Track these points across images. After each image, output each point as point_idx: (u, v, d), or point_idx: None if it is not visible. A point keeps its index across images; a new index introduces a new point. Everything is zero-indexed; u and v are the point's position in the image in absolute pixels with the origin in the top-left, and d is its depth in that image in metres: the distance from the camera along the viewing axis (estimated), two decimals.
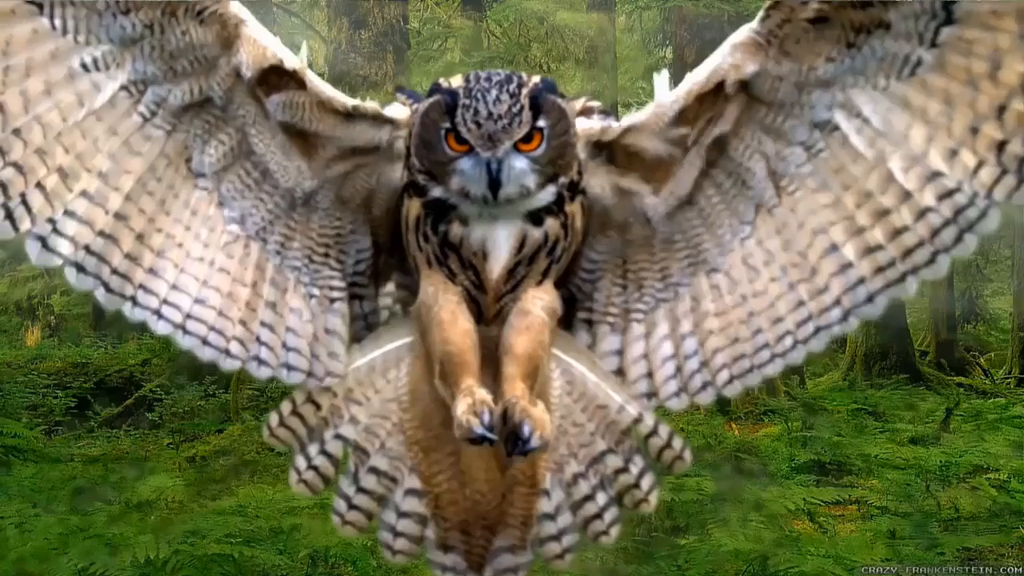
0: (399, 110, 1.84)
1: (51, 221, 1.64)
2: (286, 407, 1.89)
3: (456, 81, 1.73)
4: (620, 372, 1.91)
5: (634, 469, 1.90)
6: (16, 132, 1.60)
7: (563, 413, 1.88)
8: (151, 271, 1.73)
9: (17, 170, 1.61)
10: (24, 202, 1.62)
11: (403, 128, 1.82)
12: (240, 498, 5.89)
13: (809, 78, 1.68)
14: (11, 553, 4.70)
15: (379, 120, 1.82)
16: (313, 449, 1.88)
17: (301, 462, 1.88)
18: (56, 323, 14.93)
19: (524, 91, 1.68)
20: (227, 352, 1.78)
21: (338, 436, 1.88)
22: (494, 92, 1.67)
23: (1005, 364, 14.02)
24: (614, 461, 1.90)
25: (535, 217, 1.76)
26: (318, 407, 1.88)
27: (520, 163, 1.69)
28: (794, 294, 1.80)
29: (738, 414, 9.57)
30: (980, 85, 1.56)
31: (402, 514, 1.90)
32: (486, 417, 1.65)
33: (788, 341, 1.89)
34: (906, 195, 1.65)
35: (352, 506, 1.89)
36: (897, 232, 1.67)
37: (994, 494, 6.63)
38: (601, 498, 1.89)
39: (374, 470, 1.89)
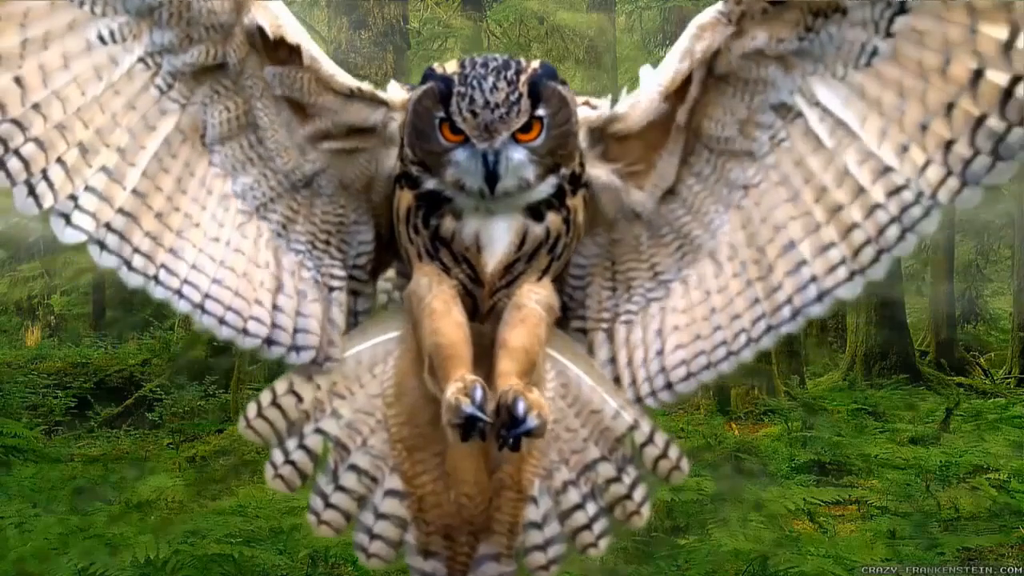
0: (395, 91, 1.79)
1: (72, 197, 1.65)
2: (265, 397, 1.82)
3: (451, 67, 1.66)
4: (617, 380, 1.86)
5: (627, 479, 1.82)
6: (36, 107, 1.60)
7: (556, 417, 1.79)
8: (171, 251, 1.72)
9: (38, 146, 1.60)
10: (46, 178, 1.63)
11: (397, 111, 1.77)
12: (240, 498, 5.89)
13: (769, 59, 1.68)
14: (11, 553, 4.70)
15: (374, 101, 1.78)
16: (291, 443, 1.81)
17: (278, 456, 1.82)
18: (56, 323, 14.93)
19: (522, 78, 1.63)
20: (244, 331, 1.77)
21: (319, 431, 1.82)
22: (491, 79, 1.61)
23: (1005, 364, 14.02)
24: (606, 470, 1.83)
25: (535, 211, 1.71)
26: (300, 399, 1.82)
27: (518, 154, 1.65)
28: (751, 291, 1.80)
29: (738, 414, 9.57)
30: (931, 79, 1.58)
31: (380, 515, 1.82)
32: (478, 394, 1.58)
33: (743, 339, 1.89)
34: (859, 190, 1.66)
35: (329, 505, 1.82)
36: (848, 229, 1.68)
37: (994, 494, 6.63)
38: (591, 508, 1.82)
39: (355, 468, 1.82)
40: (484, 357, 1.72)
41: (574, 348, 1.87)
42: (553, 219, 1.72)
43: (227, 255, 1.76)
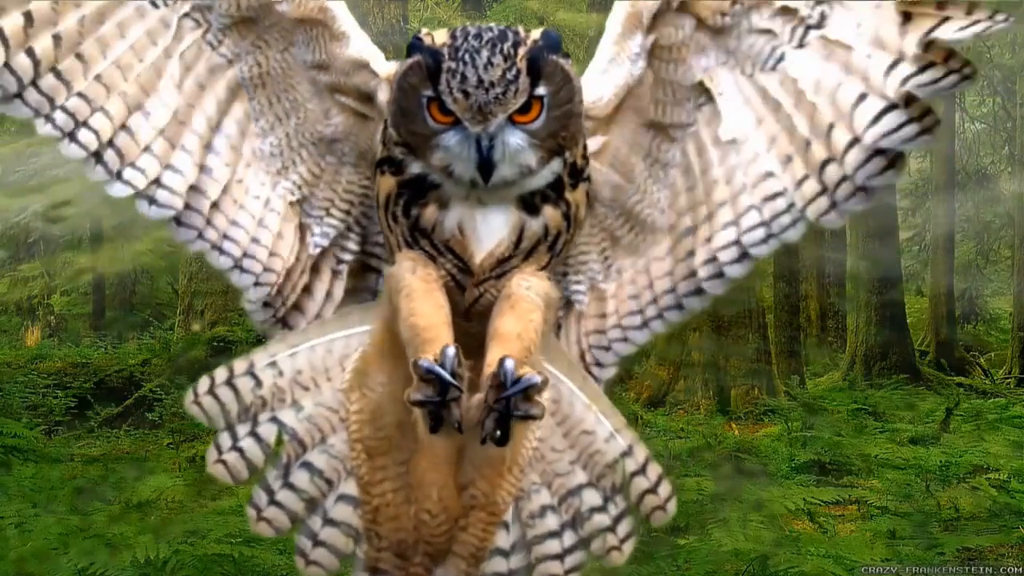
0: (384, 63, 1.68)
1: (132, 164, 1.65)
2: (221, 374, 1.68)
3: (440, 37, 1.51)
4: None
5: (613, 510, 1.68)
6: (98, 78, 1.61)
7: (542, 435, 1.65)
8: (215, 206, 1.70)
9: (106, 115, 1.62)
10: (112, 145, 1.63)
11: (384, 82, 1.66)
12: (240, 498, 5.88)
13: (686, 48, 1.67)
14: (11, 553, 4.69)
15: (368, 69, 1.69)
16: (242, 429, 1.66)
17: (225, 440, 1.66)
18: (56, 323, 14.94)
19: (521, 51, 1.47)
20: (278, 292, 1.74)
21: (275, 420, 1.67)
22: (485, 54, 1.46)
23: (1005, 364, 14.02)
24: (592, 497, 1.68)
25: (529, 204, 1.58)
26: (259, 383, 1.67)
27: (516, 138, 1.51)
28: (645, 278, 1.77)
29: (738, 414, 9.58)
30: (822, 98, 1.60)
31: (330, 521, 1.66)
32: (449, 352, 1.42)
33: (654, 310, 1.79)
34: (741, 188, 1.67)
35: (275, 502, 1.66)
36: (724, 226, 1.70)
37: (994, 494, 6.62)
38: (568, 538, 1.68)
39: (309, 466, 1.67)
40: (471, 359, 1.55)
41: (569, 359, 1.75)
42: (551, 214, 1.59)
43: (265, 215, 1.74)
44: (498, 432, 1.45)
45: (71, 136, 1.61)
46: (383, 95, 1.67)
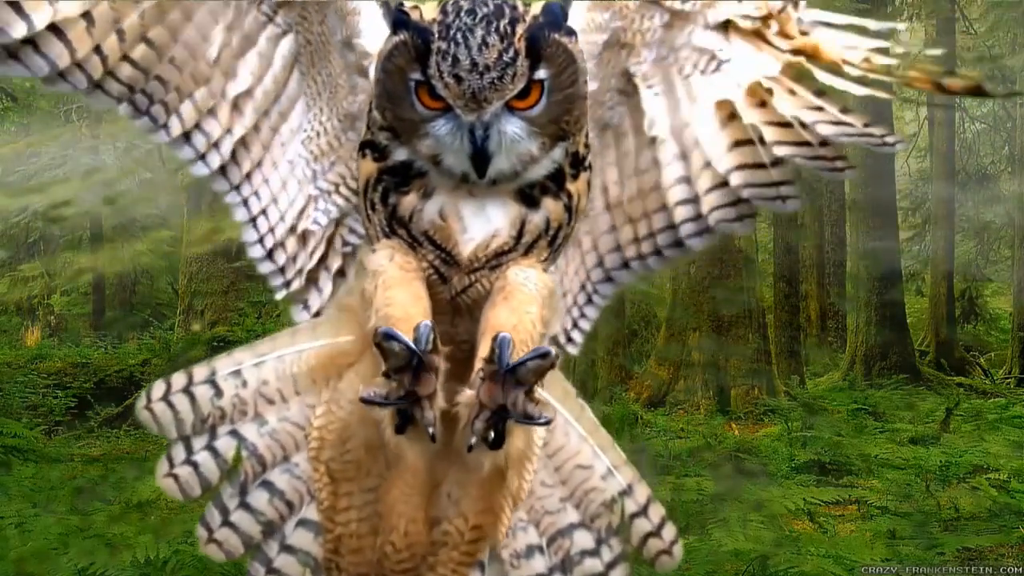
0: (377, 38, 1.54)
1: (198, 127, 1.64)
2: (178, 380, 1.55)
3: (430, 11, 1.36)
4: None
5: (607, 555, 1.54)
6: (171, 61, 1.58)
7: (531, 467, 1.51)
8: (259, 164, 1.68)
9: (178, 94, 1.60)
10: (178, 114, 1.62)
11: (375, 59, 1.52)
12: None
13: (642, 36, 1.60)
14: (11, 553, 4.69)
15: (358, 45, 1.61)
16: (198, 441, 1.53)
17: (178, 452, 1.54)
18: (56, 323, 14.93)
19: (519, 30, 1.32)
20: (293, 259, 1.69)
21: (235, 433, 1.54)
22: (479, 33, 1.30)
23: (1005, 364, 14.01)
24: (584, 539, 1.54)
25: (528, 196, 1.45)
26: (219, 393, 1.54)
27: (513, 127, 1.37)
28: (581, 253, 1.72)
29: (738, 414, 9.57)
30: (743, 112, 1.54)
31: (287, 548, 1.53)
32: (425, 329, 1.27)
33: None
34: (655, 186, 1.64)
35: (228, 523, 1.53)
36: (636, 220, 1.68)
37: (994, 494, 6.62)
38: None
39: (269, 486, 1.53)
40: (456, 369, 1.37)
41: (565, 386, 1.60)
42: (552, 207, 1.46)
43: (289, 178, 1.71)
44: (491, 435, 1.27)
45: (147, 109, 1.61)
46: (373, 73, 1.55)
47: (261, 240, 1.68)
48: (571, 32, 1.38)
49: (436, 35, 1.32)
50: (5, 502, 5.46)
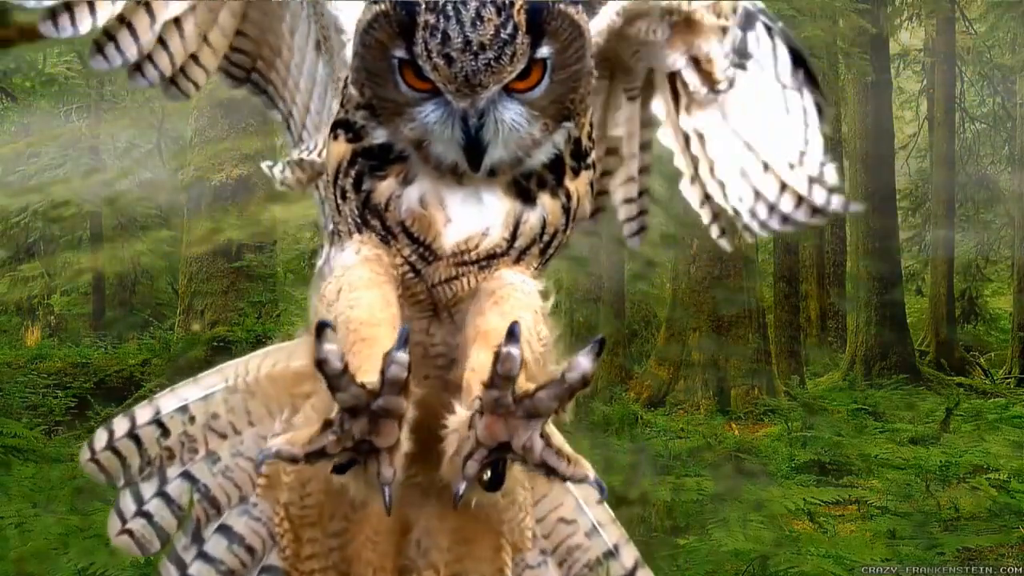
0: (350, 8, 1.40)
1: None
2: (120, 425, 1.43)
3: None
4: None
5: None
6: (176, 22, 1.47)
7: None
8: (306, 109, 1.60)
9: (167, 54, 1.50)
10: (184, 71, 1.51)
11: (345, 36, 1.40)
12: None
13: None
14: (11, 553, 4.69)
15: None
16: (148, 487, 1.41)
17: (127, 503, 1.42)
18: (56, 323, 14.93)
19: (518, 1, 1.15)
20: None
21: (186, 475, 1.41)
22: (473, 4, 1.13)
23: (1005, 364, 14.02)
24: None
25: (523, 188, 1.27)
26: (165, 432, 1.41)
27: (512, 113, 1.21)
28: None
29: (738, 414, 9.57)
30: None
31: None
32: (399, 352, 1.03)
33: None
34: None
35: None
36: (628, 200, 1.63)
37: (994, 494, 6.62)
38: None
39: (226, 531, 1.40)
40: (438, 394, 1.22)
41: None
42: (550, 205, 1.28)
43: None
44: (488, 474, 1.07)
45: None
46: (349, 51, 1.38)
47: None
48: (576, 0, 1.22)
49: (423, 6, 1.14)
50: (5, 502, 5.46)
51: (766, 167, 1.47)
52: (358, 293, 1.23)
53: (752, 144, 1.48)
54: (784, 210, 1.48)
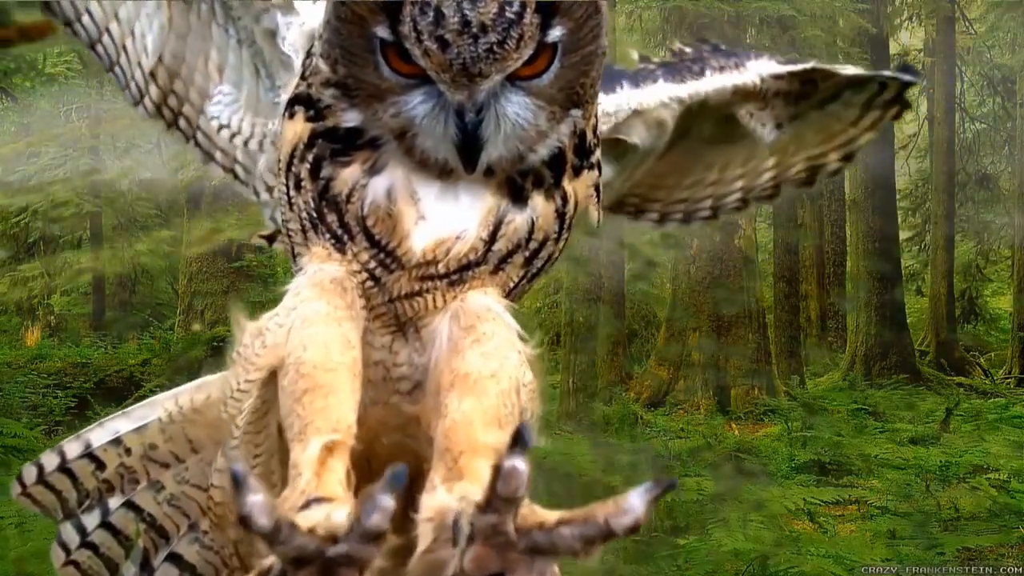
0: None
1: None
2: (49, 461, 1.33)
3: None
4: None
5: None
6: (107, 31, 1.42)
7: None
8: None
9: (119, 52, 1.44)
10: (136, 80, 1.45)
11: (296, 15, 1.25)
12: None
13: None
14: (11, 553, 4.70)
15: None
16: (90, 519, 1.32)
17: (70, 534, 1.32)
18: (56, 323, 14.93)
19: None
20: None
21: (129, 504, 1.32)
22: None
23: (1005, 364, 14.01)
24: None
25: (515, 185, 1.10)
26: (100, 466, 1.31)
27: (516, 106, 1.05)
28: None
29: (738, 414, 9.57)
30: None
31: None
32: (384, 502, 0.80)
33: None
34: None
35: None
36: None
37: (994, 494, 6.63)
38: None
39: (176, 560, 1.30)
40: (397, 425, 1.09)
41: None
42: (542, 207, 1.11)
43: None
44: None
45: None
46: (292, 33, 1.26)
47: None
48: None
49: None
50: (5, 502, 5.46)
51: None
52: (313, 330, 1.04)
53: None
54: None
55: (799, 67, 1.46)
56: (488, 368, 1.03)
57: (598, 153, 1.19)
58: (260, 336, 1.10)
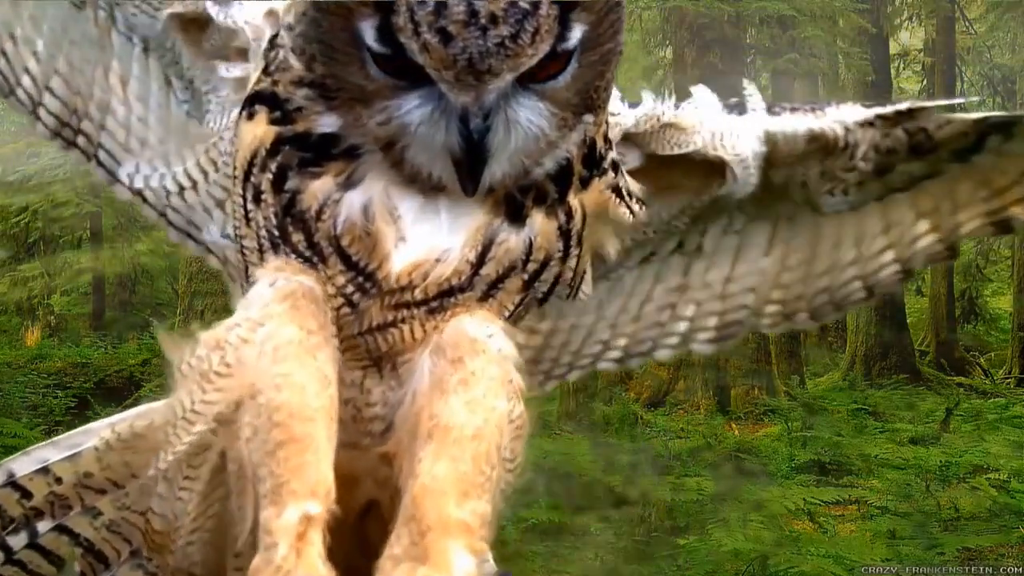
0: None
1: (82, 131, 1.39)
2: None
3: None
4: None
5: None
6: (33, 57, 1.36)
7: None
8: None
9: (34, 85, 1.41)
10: (49, 113, 1.43)
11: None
12: None
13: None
14: None
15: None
16: (16, 539, 1.25)
17: None
18: (56, 323, 14.93)
19: None
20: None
21: (61, 528, 1.25)
22: None
23: (1005, 364, 14.01)
24: None
25: (512, 201, 0.97)
26: (26, 495, 1.24)
27: (529, 111, 0.92)
28: (601, 334, 1.33)
29: (738, 414, 9.57)
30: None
31: None
32: None
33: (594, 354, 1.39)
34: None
35: None
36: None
37: (994, 494, 6.63)
38: None
39: None
40: (368, 467, 1.00)
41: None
42: (542, 225, 0.98)
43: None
44: None
45: None
46: (244, 11, 1.13)
47: None
48: None
49: None
50: None
51: None
52: (287, 367, 0.91)
53: None
54: None
55: (891, 109, 1.22)
56: (471, 424, 0.93)
57: (613, 154, 1.07)
58: (219, 350, 0.97)
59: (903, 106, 1.24)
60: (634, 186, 1.13)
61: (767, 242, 1.32)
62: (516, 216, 0.96)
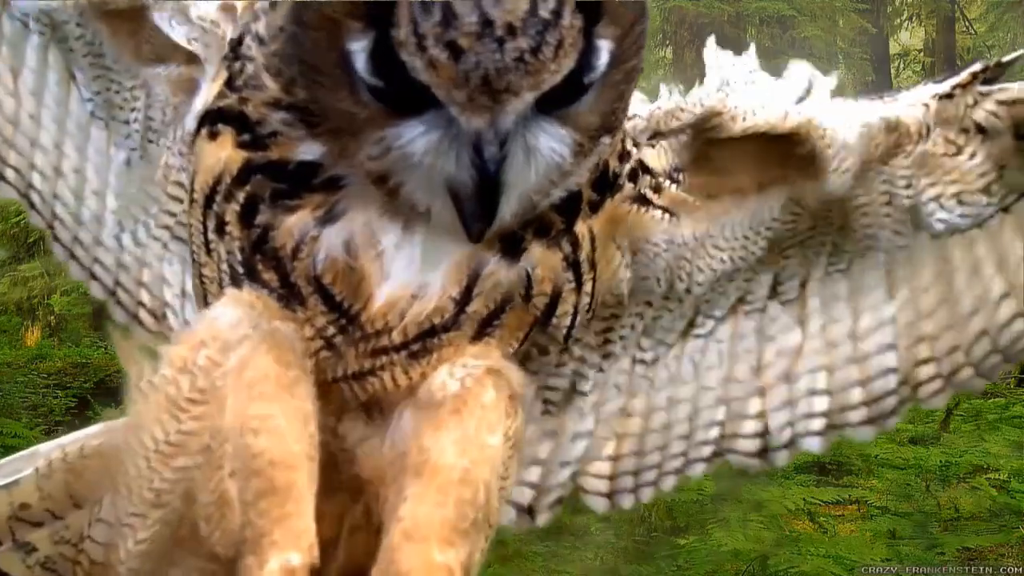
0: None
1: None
2: None
3: None
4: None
5: None
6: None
7: None
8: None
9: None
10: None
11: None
12: None
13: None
14: None
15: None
16: None
17: None
18: (56, 323, 14.93)
19: None
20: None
21: (18, 544, 1.16)
22: None
23: None
24: None
25: (510, 236, 0.87)
26: None
27: (551, 139, 0.81)
28: (711, 412, 1.17)
29: None
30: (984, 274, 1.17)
31: None
32: None
33: (679, 461, 1.21)
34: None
35: None
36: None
37: (994, 494, 6.63)
38: None
39: None
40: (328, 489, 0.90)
41: None
42: (542, 257, 0.88)
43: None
44: None
45: None
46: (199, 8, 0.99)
47: None
48: None
49: None
50: None
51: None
52: (264, 408, 0.83)
53: None
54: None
55: (965, 73, 1.03)
56: (459, 466, 0.86)
57: (630, 163, 0.95)
58: (188, 374, 0.89)
59: (976, 67, 1.08)
60: (671, 188, 1.02)
61: (885, 283, 1.15)
62: (510, 249, 0.86)
